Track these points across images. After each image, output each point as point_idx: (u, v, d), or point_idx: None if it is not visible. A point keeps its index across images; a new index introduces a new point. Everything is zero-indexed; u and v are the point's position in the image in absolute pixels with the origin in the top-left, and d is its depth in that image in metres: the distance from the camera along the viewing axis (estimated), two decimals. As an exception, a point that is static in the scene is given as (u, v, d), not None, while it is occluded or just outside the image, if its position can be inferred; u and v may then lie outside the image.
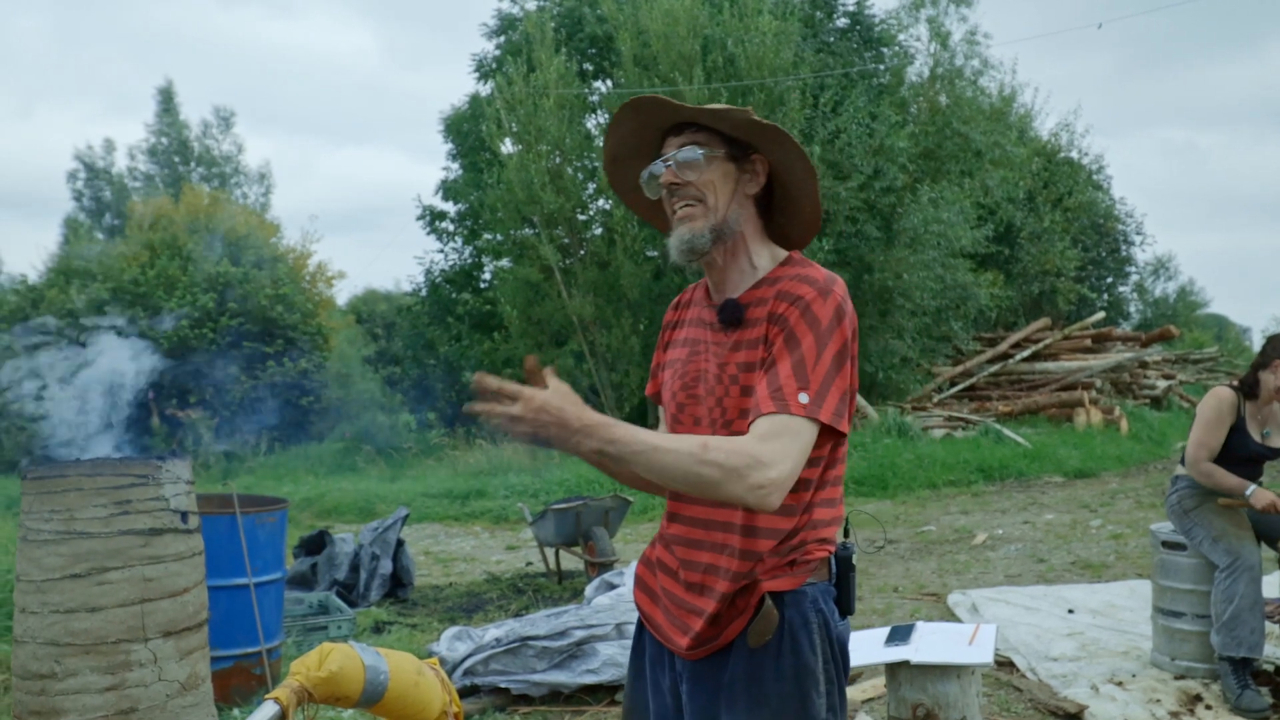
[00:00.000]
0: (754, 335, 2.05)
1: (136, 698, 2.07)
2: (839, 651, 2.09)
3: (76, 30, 66.19)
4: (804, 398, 1.90)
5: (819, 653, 2.04)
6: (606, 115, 18.35)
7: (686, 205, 2.10)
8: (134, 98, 76.19)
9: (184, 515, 2.18)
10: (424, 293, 20.58)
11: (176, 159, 34.99)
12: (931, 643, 3.85)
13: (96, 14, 66.53)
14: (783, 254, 2.17)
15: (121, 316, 15.70)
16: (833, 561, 2.10)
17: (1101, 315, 21.96)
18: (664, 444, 1.83)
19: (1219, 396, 4.85)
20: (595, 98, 18.46)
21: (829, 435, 1.99)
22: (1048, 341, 19.81)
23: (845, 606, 2.12)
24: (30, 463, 2.15)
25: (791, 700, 2.02)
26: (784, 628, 2.03)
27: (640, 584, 2.28)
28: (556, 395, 1.81)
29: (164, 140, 35.05)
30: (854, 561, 2.12)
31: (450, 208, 20.12)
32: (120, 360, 3.93)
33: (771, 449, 1.86)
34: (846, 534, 2.24)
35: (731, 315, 2.09)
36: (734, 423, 2.05)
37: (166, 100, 35.67)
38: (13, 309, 18.96)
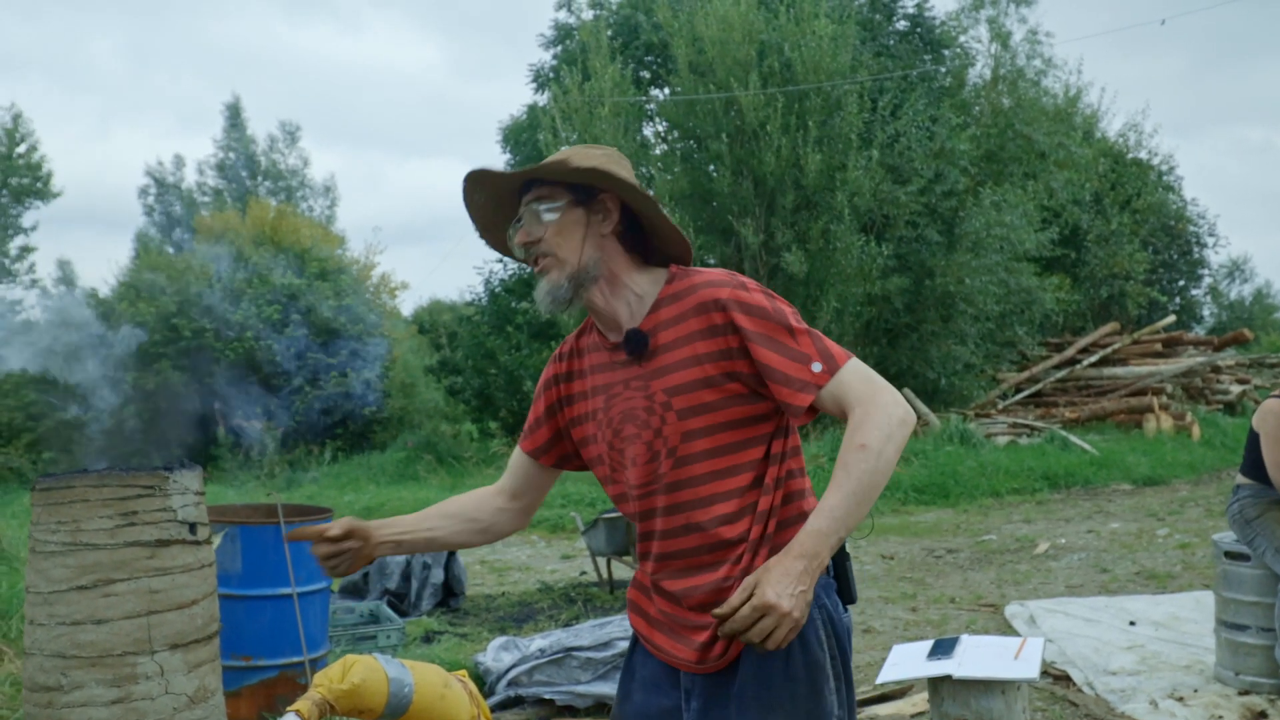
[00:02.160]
0: (680, 355, 2.05)
1: (143, 710, 2.06)
2: (844, 645, 2.09)
3: (149, 50, 67.90)
4: (817, 366, 1.96)
5: (826, 647, 2.03)
6: (664, 123, 18.33)
7: (542, 259, 2.12)
8: (203, 114, 77.96)
9: (192, 526, 2.17)
10: (484, 302, 20.71)
11: (244, 173, 35.68)
12: (975, 656, 3.73)
13: (168, 33, 68.15)
14: (663, 274, 2.16)
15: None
16: None
17: (1172, 319, 21.43)
18: (853, 486, 1.86)
19: (1274, 411, 4.63)
20: (651, 105, 18.46)
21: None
22: (1116, 346, 19.37)
23: (847, 596, 2.11)
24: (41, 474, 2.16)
25: (804, 699, 2.00)
26: None
27: (634, 608, 2.25)
28: (766, 581, 1.78)
29: (231, 155, 35.76)
30: (847, 549, 2.13)
31: (509, 218, 20.23)
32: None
33: (871, 394, 1.92)
34: None
35: (639, 343, 2.09)
36: (678, 449, 2.05)
37: (234, 116, 36.39)
38: (84, 322, 19.39)
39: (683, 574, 2.09)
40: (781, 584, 1.78)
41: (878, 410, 1.90)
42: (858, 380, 1.95)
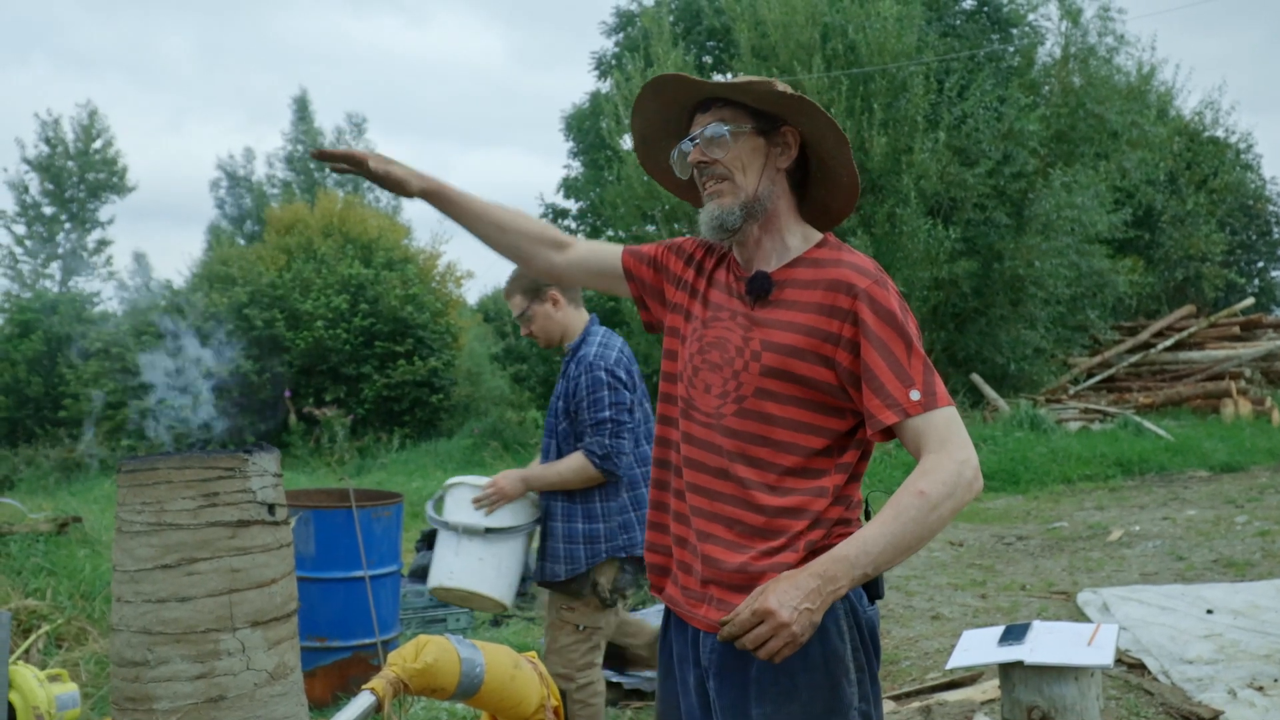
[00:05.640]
0: (791, 318, 2.02)
1: (225, 686, 2.12)
2: (869, 638, 2.06)
3: (219, 46, 69.10)
4: (915, 395, 1.92)
5: (847, 640, 2.02)
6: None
7: (715, 182, 2.08)
8: (272, 108, 79.15)
9: (271, 507, 2.22)
10: (548, 290, 20.80)
11: (312, 165, 36.16)
12: (1047, 643, 3.68)
13: (238, 29, 69.32)
14: (816, 235, 2.13)
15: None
16: None
17: (1251, 301, 20.83)
18: (897, 528, 1.84)
19: None
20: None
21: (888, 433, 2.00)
22: (1192, 330, 18.92)
23: (873, 591, 2.08)
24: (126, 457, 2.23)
25: (821, 689, 1.99)
26: None
27: (655, 570, 2.24)
28: (773, 589, 1.80)
29: (300, 147, 36.29)
30: None
31: (572, 205, 20.31)
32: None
33: (949, 452, 1.89)
34: (868, 515, 2.18)
35: (760, 287, 2.06)
36: (747, 399, 2.03)
37: (302, 109, 36.92)
38: (160, 313, 19.87)
39: (705, 516, 2.07)
40: (787, 594, 1.78)
41: (950, 463, 1.87)
42: (946, 427, 1.92)
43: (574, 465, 3.71)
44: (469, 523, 3.71)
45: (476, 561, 3.75)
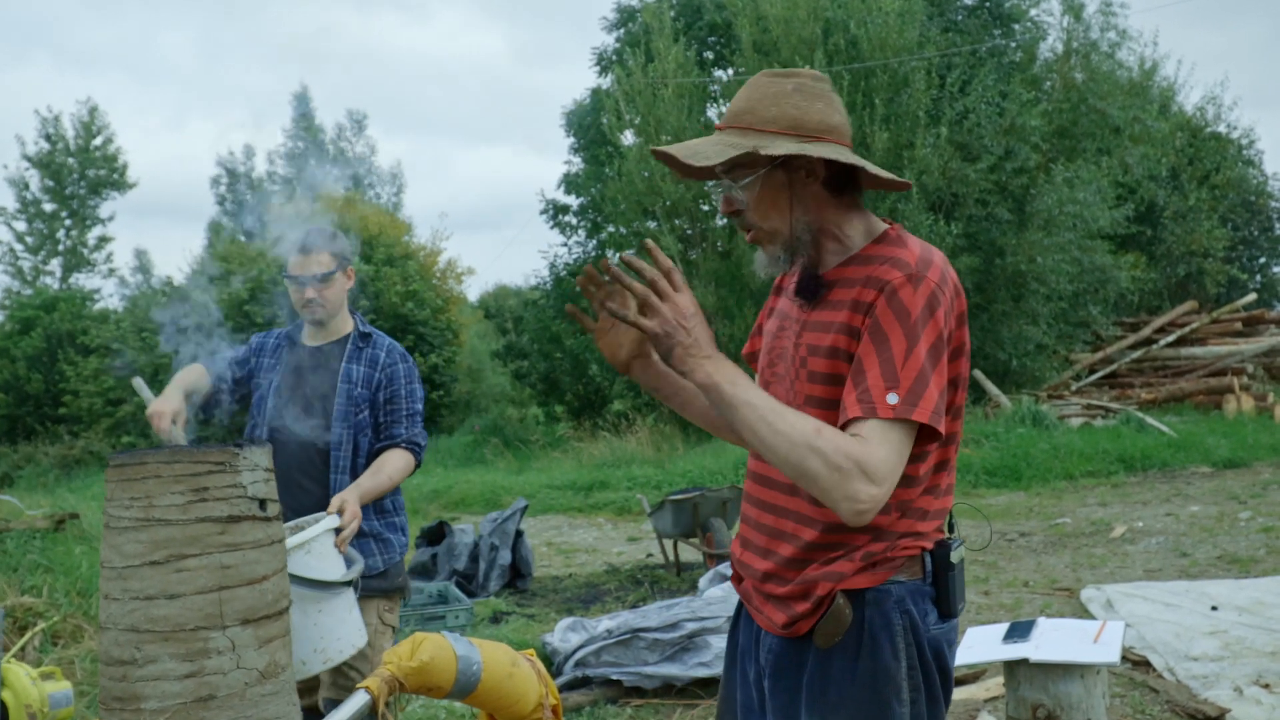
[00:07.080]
0: (831, 318, 1.92)
1: (215, 685, 2.08)
2: (931, 657, 1.93)
3: (220, 42, 69.07)
4: (892, 398, 1.77)
5: (902, 657, 1.90)
6: (727, 104, 18.21)
7: (750, 230, 2.01)
8: (273, 105, 79.09)
9: (262, 503, 2.18)
10: (549, 287, 20.78)
11: (312, 162, 36.11)
12: (1053, 640, 3.64)
13: (238, 26, 69.30)
14: (880, 227, 2.00)
15: None
16: (927, 558, 1.94)
17: (1253, 297, 20.78)
18: (780, 415, 1.78)
19: None
20: (715, 86, 18.34)
21: (932, 434, 1.84)
22: (1194, 326, 18.88)
23: (946, 608, 1.94)
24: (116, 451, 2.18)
25: (868, 706, 1.89)
26: (863, 628, 1.90)
27: (736, 562, 2.18)
28: (700, 314, 1.87)
29: (300, 144, 36.23)
30: (954, 559, 1.95)
31: (573, 201, 20.26)
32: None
33: (876, 460, 1.74)
34: (951, 528, 2.04)
35: (807, 286, 1.98)
36: (802, 409, 1.91)
37: (302, 105, 36.86)
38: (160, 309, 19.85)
39: (771, 533, 2.02)
40: (691, 328, 1.84)
41: (856, 463, 1.73)
42: (887, 438, 1.76)
43: (400, 465, 3.51)
44: (363, 567, 3.19)
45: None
